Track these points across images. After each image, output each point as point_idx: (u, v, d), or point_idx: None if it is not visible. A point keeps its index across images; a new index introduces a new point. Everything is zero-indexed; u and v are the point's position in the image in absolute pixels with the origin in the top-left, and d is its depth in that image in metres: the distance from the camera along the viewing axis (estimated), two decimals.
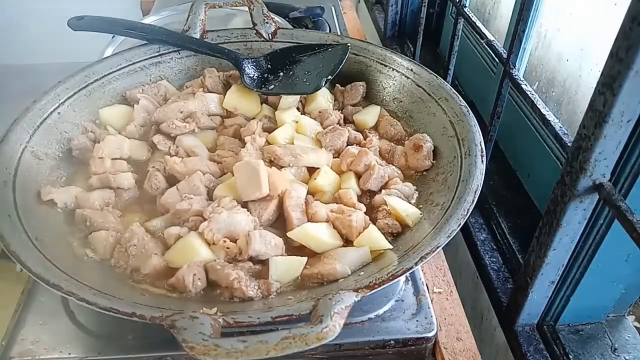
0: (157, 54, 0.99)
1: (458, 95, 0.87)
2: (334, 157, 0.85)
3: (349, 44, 0.99)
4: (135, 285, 0.66)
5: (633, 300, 0.93)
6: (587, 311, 0.90)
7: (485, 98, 1.33)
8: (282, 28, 1.06)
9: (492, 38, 1.10)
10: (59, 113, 0.85)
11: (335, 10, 1.62)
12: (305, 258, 0.69)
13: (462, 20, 1.23)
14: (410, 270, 0.61)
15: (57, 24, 1.33)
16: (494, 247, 1.09)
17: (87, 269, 0.66)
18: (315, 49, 1.00)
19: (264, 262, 0.68)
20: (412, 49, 1.76)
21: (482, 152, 0.76)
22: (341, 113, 0.94)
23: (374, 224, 0.73)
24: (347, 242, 0.72)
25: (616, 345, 0.89)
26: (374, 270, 0.64)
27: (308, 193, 0.78)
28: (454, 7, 1.54)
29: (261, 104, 0.96)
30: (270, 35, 1.04)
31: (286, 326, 0.51)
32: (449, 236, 0.64)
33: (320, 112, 0.93)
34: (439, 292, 0.84)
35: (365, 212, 0.75)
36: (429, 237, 0.66)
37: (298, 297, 0.63)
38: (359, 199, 0.79)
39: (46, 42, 2.79)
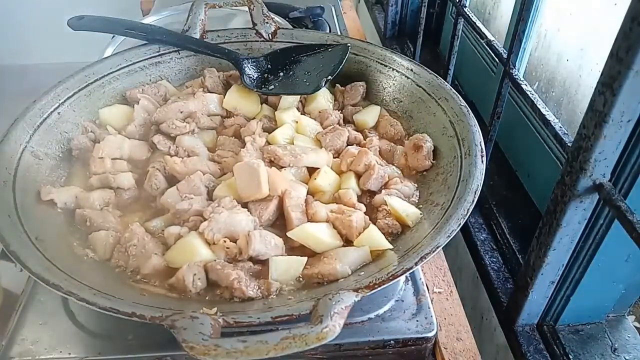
0: (157, 54, 0.99)
1: (458, 95, 0.87)
2: (334, 157, 0.85)
3: (349, 44, 0.99)
4: (135, 285, 0.66)
5: (633, 300, 0.93)
6: (587, 311, 0.90)
7: (485, 98, 1.33)
8: (282, 28, 1.06)
9: (492, 38, 1.10)
10: (59, 113, 0.85)
11: (335, 10, 1.61)
12: (305, 258, 0.69)
13: (462, 20, 1.23)
14: (410, 270, 0.61)
15: (57, 24, 1.33)
16: (494, 247, 1.09)
17: (87, 269, 0.66)
18: (315, 49, 1.00)
19: (264, 262, 0.68)
20: (412, 49, 1.77)
21: (482, 152, 0.76)
22: (341, 113, 0.94)
23: (374, 224, 0.73)
24: (347, 242, 0.72)
25: (616, 345, 0.89)
26: (374, 270, 0.64)
27: (308, 193, 0.78)
28: (454, 7, 1.54)
29: (261, 104, 0.96)
30: (270, 35, 1.04)
31: (286, 326, 0.51)
32: (449, 236, 0.64)
33: (320, 112, 0.93)
34: (439, 292, 0.84)
35: (365, 212, 0.75)
36: (429, 237, 0.66)
37: (298, 297, 0.63)
38: (359, 199, 0.79)
39: (46, 42, 2.79)
